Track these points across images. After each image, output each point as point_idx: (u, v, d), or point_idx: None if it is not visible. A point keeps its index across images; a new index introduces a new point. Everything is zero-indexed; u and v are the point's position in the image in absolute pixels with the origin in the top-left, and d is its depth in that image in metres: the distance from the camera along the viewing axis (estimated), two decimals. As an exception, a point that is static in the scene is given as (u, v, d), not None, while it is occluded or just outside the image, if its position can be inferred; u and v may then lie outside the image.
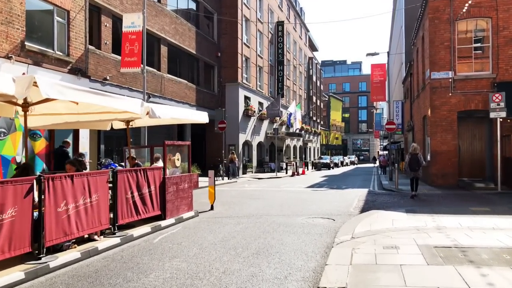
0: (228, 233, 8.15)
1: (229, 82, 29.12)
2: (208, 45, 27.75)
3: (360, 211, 10.76)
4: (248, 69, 31.53)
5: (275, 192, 16.54)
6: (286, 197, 14.44)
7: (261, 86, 34.88)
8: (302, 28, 52.96)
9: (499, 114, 14.96)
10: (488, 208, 10.34)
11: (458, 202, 12.23)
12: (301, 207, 11.70)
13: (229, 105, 29.01)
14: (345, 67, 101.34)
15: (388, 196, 14.53)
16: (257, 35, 33.59)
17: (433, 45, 17.74)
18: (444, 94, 17.59)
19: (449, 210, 10.19)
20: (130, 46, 15.28)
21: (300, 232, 8.11)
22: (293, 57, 46.65)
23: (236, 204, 12.61)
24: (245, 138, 30.43)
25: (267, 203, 12.86)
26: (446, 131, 17.60)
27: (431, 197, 13.80)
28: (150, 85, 20.27)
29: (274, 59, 38.71)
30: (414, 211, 10.19)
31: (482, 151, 18.12)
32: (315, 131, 59.35)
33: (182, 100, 23.60)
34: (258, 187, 19.75)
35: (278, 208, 11.55)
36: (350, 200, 13.42)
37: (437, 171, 17.83)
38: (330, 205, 12.03)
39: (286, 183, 22.00)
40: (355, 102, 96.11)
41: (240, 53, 29.49)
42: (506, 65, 16.85)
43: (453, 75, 17.43)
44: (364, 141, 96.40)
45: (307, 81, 56.35)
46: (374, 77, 24.17)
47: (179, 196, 9.72)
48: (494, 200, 12.85)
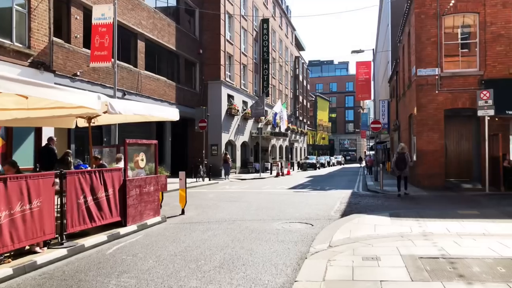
0: (193, 241, 7.33)
1: (212, 80, 28.25)
2: (189, 41, 26.85)
3: (341, 215, 10.02)
4: (231, 67, 30.70)
5: (255, 194, 15.75)
6: (266, 200, 13.66)
7: (245, 85, 34.08)
8: (288, 27, 52.28)
9: (487, 112, 14.38)
10: (477, 211, 9.69)
11: (445, 205, 11.58)
12: (279, 211, 10.93)
13: (211, 104, 28.16)
14: (332, 67, 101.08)
15: (372, 198, 13.84)
16: (241, 32, 32.78)
17: (419, 41, 17.13)
18: (431, 92, 16.99)
19: (436, 214, 9.51)
20: (100, 39, 14.35)
21: (274, 240, 7.33)
22: (278, 56, 45.94)
23: (211, 208, 11.79)
24: (228, 138, 29.60)
25: (244, 206, 12.06)
26: (433, 130, 17.01)
27: (417, 199, 13.16)
28: (125, 82, 19.34)
29: (259, 57, 37.96)
30: (399, 214, 9.49)
31: (470, 151, 17.58)
32: (301, 131, 58.74)
33: (160, 98, 22.68)
34: (239, 188, 18.95)
35: (254, 212, 10.77)
36: (332, 202, 12.69)
37: (423, 171, 17.22)
38: (310, 208, 11.28)
39: (268, 184, 21.24)
40: (342, 102, 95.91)
41: (223, 50, 28.64)
42: (494, 62, 16.31)
43: (440, 72, 16.84)
44: (351, 141, 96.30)
45: (294, 80, 55.71)
46: (359, 75, 23.55)
47: (143, 200, 8.86)
48: (483, 202, 12.24)
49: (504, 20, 16.19)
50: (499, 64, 16.25)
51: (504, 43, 16.19)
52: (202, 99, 28.11)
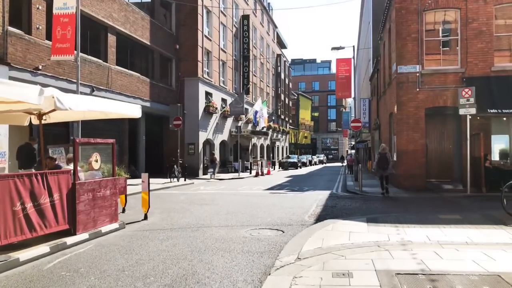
0: (148, 253, 6.54)
1: (189, 77, 27.34)
2: (165, 36, 25.89)
3: (315, 220, 9.34)
4: (209, 63, 29.83)
5: (229, 196, 14.99)
6: (239, 202, 12.91)
7: (224, 82, 33.24)
8: (269, 24, 51.59)
9: (469, 111, 13.92)
10: (459, 216, 9.13)
11: (426, 208, 11.02)
12: (251, 215, 10.19)
13: (188, 101, 27.26)
14: (315, 66, 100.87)
15: (350, 200, 13.22)
16: (220, 28, 31.92)
17: (400, 37, 16.60)
18: (411, 90, 16.49)
19: (416, 219, 8.90)
20: (62, 30, 13.37)
21: (238, 251, 6.60)
22: (260, 53, 45.21)
23: (178, 212, 10.98)
24: (206, 137, 28.74)
25: (214, 210, 11.29)
26: (413, 129, 16.51)
27: (397, 201, 12.59)
28: (94, 77, 18.35)
29: (239, 54, 37.15)
30: (376, 220, 8.85)
31: (451, 151, 17.15)
32: (283, 130, 58.17)
33: (133, 95, 21.70)
34: (214, 189, 18.16)
35: (224, 217, 10.01)
36: (308, 205, 12.02)
37: (403, 172, 16.71)
38: (284, 212, 10.58)
39: (246, 185, 20.50)
40: (324, 101, 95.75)
41: (200, 46, 27.75)
42: (475, 59, 15.88)
43: (421, 69, 16.35)
44: (334, 140, 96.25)
45: (275, 78, 55.06)
46: (339, 72, 23.00)
47: (98, 205, 8.02)
48: (464, 205, 11.74)
49: (486, 16, 15.77)
50: (481, 62, 15.82)
51: (486, 40, 15.77)
52: (179, 96, 27.19)
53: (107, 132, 20.10)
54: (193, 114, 27.10)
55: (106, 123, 19.92)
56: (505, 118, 15.64)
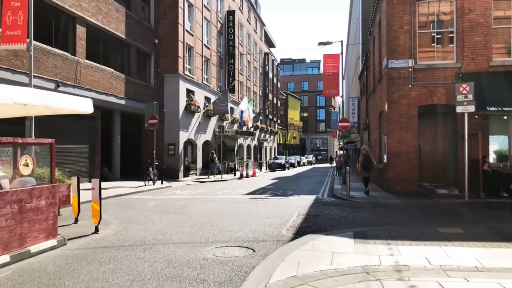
0: (75, 283, 5.12)
1: (169, 73, 25.85)
2: (143, 30, 24.37)
3: (294, 234, 7.98)
4: (191, 59, 28.36)
5: (204, 202, 13.57)
6: (212, 210, 11.51)
7: (208, 80, 31.78)
8: (257, 21, 50.24)
9: (467, 109, 12.68)
10: (461, 229, 7.84)
11: (421, 218, 9.74)
12: (221, 227, 8.79)
13: (168, 99, 25.78)
14: (304, 65, 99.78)
15: (337, 208, 11.87)
16: (203, 23, 30.45)
17: (391, 29, 15.34)
18: (403, 86, 15.24)
19: (411, 233, 7.58)
20: (12, 16, 11.80)
21: (191, 279, 5.21)
22: (247, 51, 43.82)
23: (139, 223, 9.54)
24: (188, 137, 27.26)
25: (180, 220, 9.87)
26: (405, 129, 15.26)
27: (388, 210, 11.29)
28: (60, 71, 16.82)
29: (224, 51, 35.72)
30: (365, 235, 7.51)
31: (445, 152, 15.96)
32: (271, 130, 56.84)
33: (106, 92, 20.16)
34: (190, 194, 16.73)
35: (188, 230, 8.60)
36: (289, 214, 10.66)
37: (394, 175, 15.47)
38: (260, 223, 9.20)
39: (226, 189, 19.09)
40: (313, 101, 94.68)
41: (181, 41, 26.27)
42: (472, 53, 14.68)
43: (414, 64, 15.11)
44: (323, 141, 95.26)
45: (263, 77, 53.72)
46: (326, 69, 21.72)
47: (28, 219, 6.55)
48: (464, 214, 10.48)
49: (483, 7, 14.58)
50: (478, 56, 14.63)
51: (483, 33, 14.58)
52: (158, 94, 25.69)
53: (75, 132, 18.62)
54: (173, 113, 25.62)
55: (74, 122, 18.48)
56: (505, 117, 14.47)
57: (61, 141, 17.72)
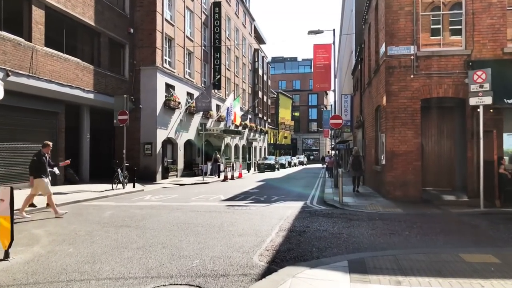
0: None
1: (146, 66, 23.66)
2: (116, 18, 22.15)
3: (268, 263, 5.90)
4: (172, 51, 26.18)
5: (170, 212, 11.45)
6: (174, 224, 9.39)
7: (191, 74, 29.61)
8: (246, 16, 48.11)
9: (483, 100, 10.71)
10: (494, 257, 5.81)
11: (434, 236, 7.70)
12: (174, 251, 6.69)
13: (145, 94, 23.61)
14: (296, 64, 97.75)
15: (327, 220, 9.77)
16: (185, 13, 28.27)
17: (390, 11, 13.33)
18: (404, 76, 13.25)
19: (427, 264, 5.54)
20: None
21: None
22: (234, 46, 41.70)
23: (73, 242, 7.40)
24: (167, 135, 25.09)
25: (128, 238, 7.74)
26: (406, 126, 13.27)
27: (390, 223, 9.23)
28: (10, 58, 14.62)
29: (209, 44, 33.58)
30: (365, 265, 5.45)
31: (452, 152, 14.00)
32: (261, 130, 54.75)
33: (70, 84, 17.93)
34: (160, 200, 14.60)
35: (129, 254, 6.48)
36: (268, 229, 8.58)
37: (394, 178, 13.48)
38: (227, 245, 7.11)
39: (204, 193, 16.97)
40: (305, 101, 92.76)
41: (160, 31, 24.10)
42: (484, 38, 12.73)
43: (416, 50, 13.12)
44: (315, 141, 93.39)
45: (253, 74, 51.63)
46: (317, 60, 19.72)
47: None
48: (486, 229, 8.46)
49: (497, -15, 12.65)
50: (490, 42, 12.68)
51: (497, 15, 12.64)
52: (134, 88, 23.49)
53: (33, 129, 16.45)
54: (150, 109, 23.45)
55: (31, 118, 16.30)
56: (526, 111, 12.55)
57: (13, 139, 15.55)
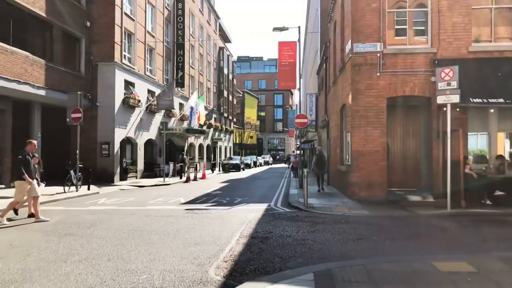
0: None
1: (104, 61, 22.45)
2: (71, 9, 20.84)
3: (225, 278, 5.23)
4: (132, 47, 25.05)
5: (123, 217, 10.57)
6: (126, 231, 8.57)
7: (152, 71, 28.51)
8: (211, 14, 47.22)
9: (450, 99, 10.48)
10: (469, 265, 5.38)
11: (404, 241, 7.27)
12: (120, 264, 5.91)
13: (102, 91, 22.39)
14: (261, 63, 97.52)
15: (292, 224, 9.19)
16: (147, 7, 27.17)
17: (356, 7, 12.98)
18: (371, 74, 12.93)
19: (400, 274, 5.04)
20: None
21: None
22: (199, 44, 40.73)
23: (3, 256, 6.47)
24: (126, 135, 23.95)
25: (70, 249, 6.89)
26: (372, 125, 12.96)
27: (357, 226, 8.77)
28: None
29: (172, 41, 32.54)
30: (333, 278, 4.87)
31: (417, 152, 13.81)
32: (226, 129, 53.98)
33: (18, 79, 16.60)
34: (115, 204, 13.65)
35: (67, 270, 5.64)
36: (228, 235, 7.92)
37: (359, 179, 13.14)
38: (181, 255, 6.39)
39: (163, 196, 16.11)
40: (271, 100, 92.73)
41: (118, 25, 22.95)
42: (449, 37, 12.58)
43: (382, 48, 12.83)
44: (280, 141, 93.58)
45: (217, 73, 50.78)
46: (282, 58, 19.29)
47: None
48: (456, 232, 8.14)
49: (462, -17, 12.53)
50: (456, 40, 12.55)
51: (462, 13, 12.52)
52: (90, 85, 22.23)
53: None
54: (108, 107, 22.26)
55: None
56: (492, 110, 12.43)
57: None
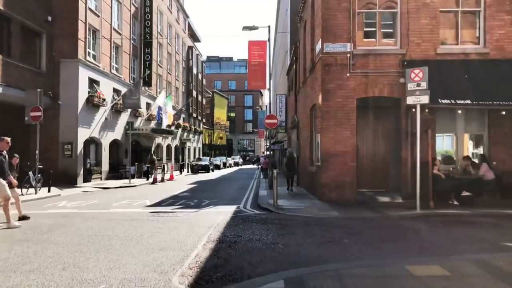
0: None
1: (66, 58, 21.53)
2: (30, 2, 19.87)
3: (190, 287, 4.91)
4: (97, 44, 24.19)
5: (84, 221, 10.01)
6: (86, 236, 8.06)
7: (118, 70, 27.65)
8: (180, 12, 46.45)
9: (420, 99, 10.48)
10: (442, 268, 5.25)
11: (375, 244, 7.11)
12: (76, 273, 5.44)
13: (65, 89, 21.48)
14: (231, 64, 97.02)
15: (261, 227, 8.89)
16: (112, 3, 26.30)
17: (327, 6, 12.86)
18: (341, 75, 12.84)
19: (373, 280, 4.85)
20: None
21: None
22: (167, 42, 39.95)
23: None
24: (90, 135, 23.08)
25: (23, 256, 6.35)
26: (342, 126, 12.87)
27: (328, 229, 8.58)
28: None
29: (139, 39, 31.71)
30: (304, 286, 4.64)
31: (386, 153, 13.84)
32: (195, 130, 53.26)
33: (-30, 74, 15.65)
34: (76, 206, 13.01)
35: (16, 281, 5.16)
36: (194, 240, 7.55)
37: (329, 180, 13.02)
38: (144, 262, 5.99)
39: (128, 198, 15.52)
40: (241, 101, 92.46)
41: (82, 20, 22.07)
42: (418, 38, 12.65)
43: (352, 48, 12.76)
44: (250, 142, 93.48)
45: (187, 72, 50.02)
46: (252, 57, 19.06)
47: None
48: (427, 234, 8.07)
49: (430, -15, 12.63)
50: (425, 42, 12.63)
51: (430, 15, 12.61)
52: (52, 82, 21.28)
53: None
54: (71, 106, 21.35)
55: None
56: (460, 111, 12.58)
57: None
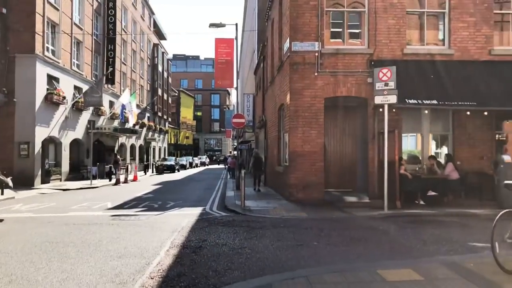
0: None
1: (22, 53, 20.44)
2: (-17, -7, 18.78)
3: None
4: (56, 39, 23.12)
5: (38, 225, 9.38)
6: (39, 243, 7.49)
7: (80, 66, 26.57)
8: (145, 8, 45.37)
9: (388, 99, 10.45)
10: (414, 272, 5.12)
11: (345, 247, 6.94)
12: (25, 285, 4.98)
13: (21, 86, 20.40)
14: (198, 62, 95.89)
15: (228, 230, 8.57)
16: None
17: (295, 4, 12.67)
18: (309, 74, 12.70)
19: (342, 284, 4.64)
20: None
21: None
22: (132, 39, 38.90)
23: None
24: (49, 134, 22.02)
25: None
26: (310, 125, 12.73)
27: (296, 231, 8.37)
28: None
29: (103, 35, 30.64)
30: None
31: (353, 153, 13.82)
32: (161, 129, 52.19)
33: None
34: (32, 210, 12.26)
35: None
36: (157, 245, 7.15)
37: (297, 180, 12.85)
38: (101, 271, 5.54)
39: (89, 200, 14.82)
40: (208, 100, 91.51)
41: (41, 14, 21.03)
42: (386, 38, 12.67)
43: (320, 47, 12.63)
44: (217, 141, 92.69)
45: (152, 70, 48.95)
46: (219, 55, 18.70)
47: None
48: (395, 235, 7.97)
49: (397, -14, 12.68)
50: (391, 42, 12.68)
51: (397, 15, 12.67)
52: (7, 78, 20.14)
53: None
54: (27, 103, 20.29)
55: None
56: (426, 111, 12.69)
57: None
